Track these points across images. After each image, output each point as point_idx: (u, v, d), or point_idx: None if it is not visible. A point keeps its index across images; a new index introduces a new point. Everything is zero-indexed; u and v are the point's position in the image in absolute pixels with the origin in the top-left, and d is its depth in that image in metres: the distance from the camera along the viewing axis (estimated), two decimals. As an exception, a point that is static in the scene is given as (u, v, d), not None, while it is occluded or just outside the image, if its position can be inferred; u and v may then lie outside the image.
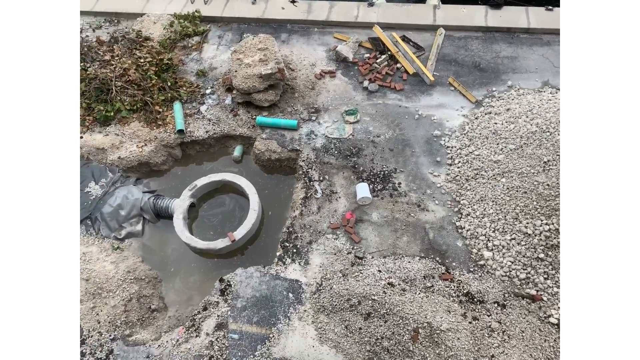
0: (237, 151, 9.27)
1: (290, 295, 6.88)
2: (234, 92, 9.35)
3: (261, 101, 9.12)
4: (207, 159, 9.48)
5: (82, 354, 6.65)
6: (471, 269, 7.03)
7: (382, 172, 8.23)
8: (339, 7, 11.21)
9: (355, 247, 7.35)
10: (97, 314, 7.00)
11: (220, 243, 7.69)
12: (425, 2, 11.42)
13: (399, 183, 8.08)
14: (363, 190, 7.79)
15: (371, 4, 11.12)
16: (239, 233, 7.75)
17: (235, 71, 9.10)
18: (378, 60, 9.94)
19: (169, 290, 7.78)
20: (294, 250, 7.40)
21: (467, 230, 7.40)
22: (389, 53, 10.09)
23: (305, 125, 9.06)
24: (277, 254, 7.44)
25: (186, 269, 7.98)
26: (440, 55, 10.07)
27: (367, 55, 10.19)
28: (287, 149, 8.76)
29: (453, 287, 6.81)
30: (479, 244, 7.23)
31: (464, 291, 6.76)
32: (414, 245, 7.36)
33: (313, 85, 9.71)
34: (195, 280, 7.83)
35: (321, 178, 8.25)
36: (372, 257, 7.22)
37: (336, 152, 8.58)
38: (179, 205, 8.16)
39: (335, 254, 7.27)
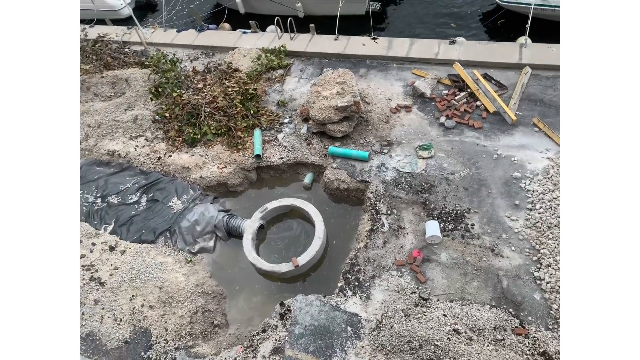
0: (307, 178, 9.53)
1: (349, 328, 6.73)
2: (310, 122, 9.72)
3: (335, 132, 9.36)
4: (279, 184, 9.85)
5: (148, 359, 7.03)
6: (550, 326, 6.35)
7: (454, 211, 7.90)
8: (420, 44, 11.30)
9: (420, 287, 7.04)
10: (166, 322, 7.41)
11: (284, 267, 7.83)
12: (510, 39, 11.09)
13: (472, 224, 7.68)
14: (433, 228, 7.52)
15: (453, 42, 11.06)
16: (303, 259, 7.84)
17: (313, 102, 9.48)
18: (457, 97, 9.76)
19: (232, 308, 8.02)
20: (356, 283, 7.28)
21: (547, 283, 6.74)
22: (469, 90, 9.87)
23: (377, 158, 9.07)
24: (339, 284, 7.37)
25: (250, 289, 8.20)
26: (525, 95, 9.62)
27: (446, 91, 10.06)
28: (356, 180, 8.81)
29: (527, 344, 6.18)
30: (560, 299, 6.53)
31: (540, 350, 6.10)
32: (485, 292, 6.86)
33: (387, 119, 9.76)
34: (257, 301, 8.00)
35: (389, 212, 8.13)
36: (438, 300, 6.84)
37: (407, 186, 8.44)
38: (249, 226, 8.51)
39: (398, 292, 7.02)
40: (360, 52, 11.49)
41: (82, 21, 15.33)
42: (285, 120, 10.33)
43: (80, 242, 8.75)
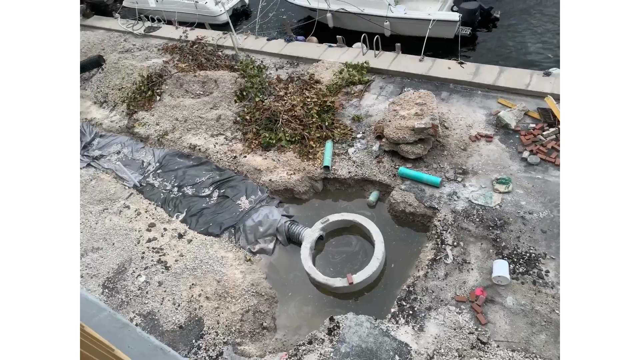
0: (372, 196, 9.41)
1: (397, 358, 6.46)
2: (383, 140, 9.62)
3: (408, 153, 9.16)
4: (343, 198, 9.84)
5: (198, 347, 7.31)
6: (628, 403, 5.58)
7: (527, 254, 7.31)
8: (509, 73, 10.76)
9: (479, 329, 6.57)
10: (219, 315, 7.66)
11: (338, 281, 7.76)
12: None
13: (547, 271, 7.04)
14: (501, 268, 7.02)
15: (547, 74, 10.38)
16: (358, 277, 7.71)
17: (389, 121, 9.39)
18: (544, 133, 9.11)
19: (282, 313, 8.10)
20: (410, 312, 6.99)
21: (631, 352, 5.95)
22: (559, 127, 9.16)
23: (449, 185, 8.72)
24: (392, 310, 7.13)
25: (302, 298, 8.23)
26: (626, 138, 8.70)
27: (533, 125, 9.44)
28: (424, 205, 8.53)
29: (598, 417, 5.47)
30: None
31: None
32: (553, 348, 6.23)
33: (465, 147, 9.37)
34: (307, 311, 8.00)
35: (455, 243, 7.74)
36: (498, 346, 6.34)
37: (478, 219, 7.99)
38: (309, 235, 8.57)
39: (454, 329, 6.62)
40: (444, 76, 11.20)
41: (184, 23, 16.72)
42: (358, 136, 10.33)
43: (154, 225, 9.40)
